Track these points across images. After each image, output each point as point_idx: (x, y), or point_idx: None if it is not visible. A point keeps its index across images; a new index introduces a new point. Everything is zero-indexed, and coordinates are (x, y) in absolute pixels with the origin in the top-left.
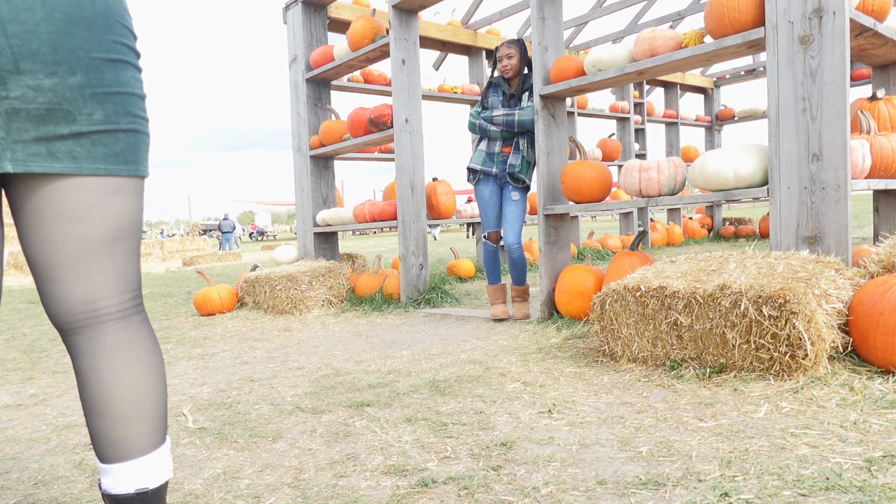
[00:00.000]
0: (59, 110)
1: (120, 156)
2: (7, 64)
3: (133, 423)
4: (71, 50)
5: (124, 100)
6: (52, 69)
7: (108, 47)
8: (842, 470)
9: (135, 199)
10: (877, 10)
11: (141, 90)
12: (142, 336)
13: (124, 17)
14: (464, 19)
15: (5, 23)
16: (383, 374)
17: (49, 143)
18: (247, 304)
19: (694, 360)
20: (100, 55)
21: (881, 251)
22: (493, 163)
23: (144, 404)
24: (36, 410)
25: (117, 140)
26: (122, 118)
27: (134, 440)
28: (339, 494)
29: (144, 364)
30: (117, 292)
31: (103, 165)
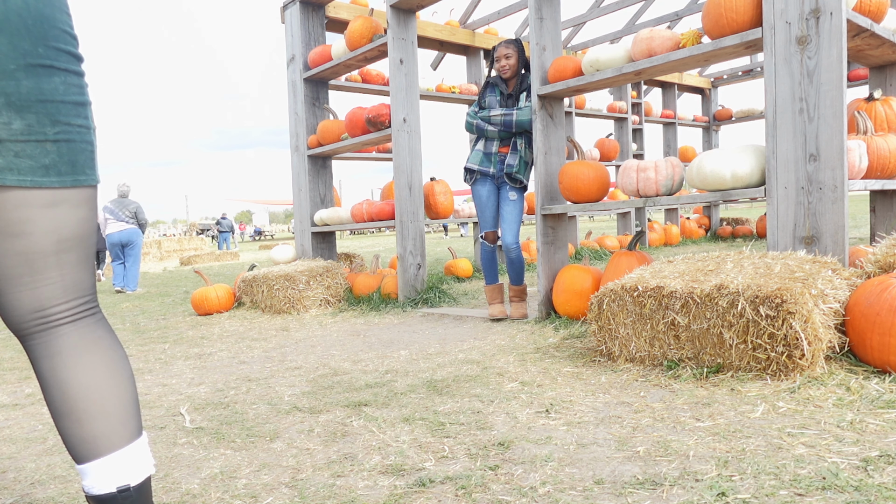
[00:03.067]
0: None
1: (51, 167)
2: None
3: (99, 420)
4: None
5: (50, 108)
6: None
7: (25, 52)
8: (838, 469)
9: (79, 209)
10: (874, 10)
11: (77, 96)
12: (98, 335)
13: (52, 18)
14: (462, 19)
15: None
16: (381, 374)
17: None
18: (244, 304)
19: (691, 360)
20: (15, 62)
21: (878, 251)
22: (491, 163)
23: (108, 400)
24: (33, 410)
25: (45, 151)
26: (49, 128)
27: (103, 436)
28: (336, 494)
29: (103, 361)
30: (66, 299)
31: (30, 178)
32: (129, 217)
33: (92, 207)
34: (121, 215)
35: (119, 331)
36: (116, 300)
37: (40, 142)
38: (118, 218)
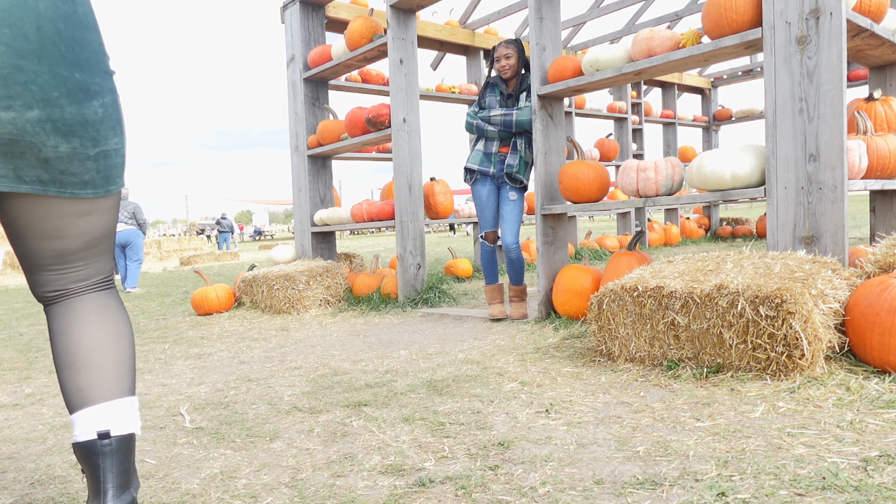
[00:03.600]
0: (21, 142)
1: (88, 182)
2: None
3: (93, 371)
4: (23, 84)
5: (91, 132)
6: (6, 103)
7: (65, 79)
8: (838, 469)
9: (107, 213)
10: (874, 10)
11: (114, 114)
12: (107, 303)
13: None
14: (462, 19)
15: None
16: (381, 374)
17: (17, 168)
18: (244, 304)
19: (691, 360)
20: (57, 90)
21: (878, 251)
22: (491, 163)
23: (104, 355)
24: (32, 410)
25: (86, 169)
26: (90, 149)
27: (95, 386)
28: (336, 494)
29: (106, 322)
30: (87, 279)
31: (70, 191)
32: (127, 217)
33: (116, 209)
34: (120, 216)
35: None
36: None
37: (82, 161)
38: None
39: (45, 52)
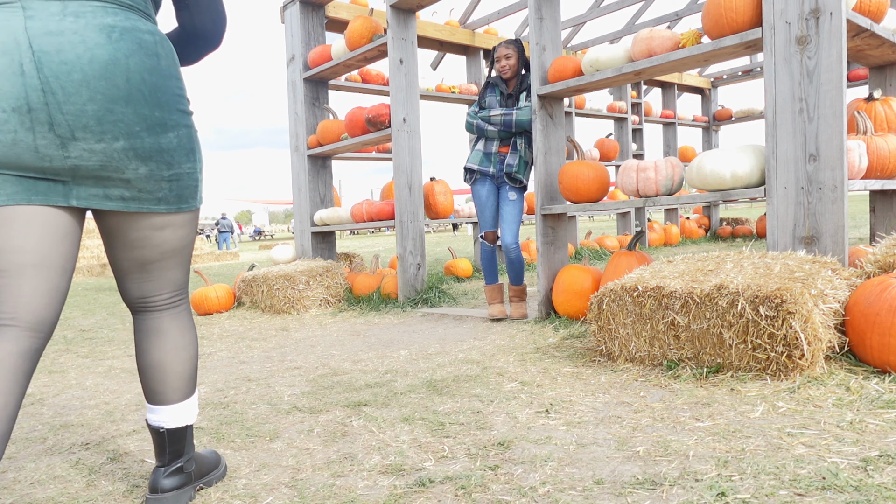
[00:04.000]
0: (109, 166)
1: (162, 199)
2: (66, 133)
3: (159, 382)
4: (113, 122)
5: (166, 157)
6: (99, 137)
7: (145, 117)
8: (838, 469)
9: (180, 229)
10: (874, 10)
11: (188, 144)
12: (178, 323)
13: (164, 87)
14: (461, 19)
15: (61, 104)
16: (381, 374)
17: (105, 188)
18: (244, 304)
19: (691, 360)
20: (138, 125)
21: (877, 251)
22: (491, 163)
23: (170, 371)
24: (32, 410)
25: (160, 188)
26: (165, 171)
27: (161, 393)
28: (336, 494)
29: (174, 342)
30: (162, 292)
31: (147, 206)
32: None
33: (191, 225)
34: None
35: (119, 331)
36: (117, 299)
37: (157, 181)
38: None
39: (132, 97)
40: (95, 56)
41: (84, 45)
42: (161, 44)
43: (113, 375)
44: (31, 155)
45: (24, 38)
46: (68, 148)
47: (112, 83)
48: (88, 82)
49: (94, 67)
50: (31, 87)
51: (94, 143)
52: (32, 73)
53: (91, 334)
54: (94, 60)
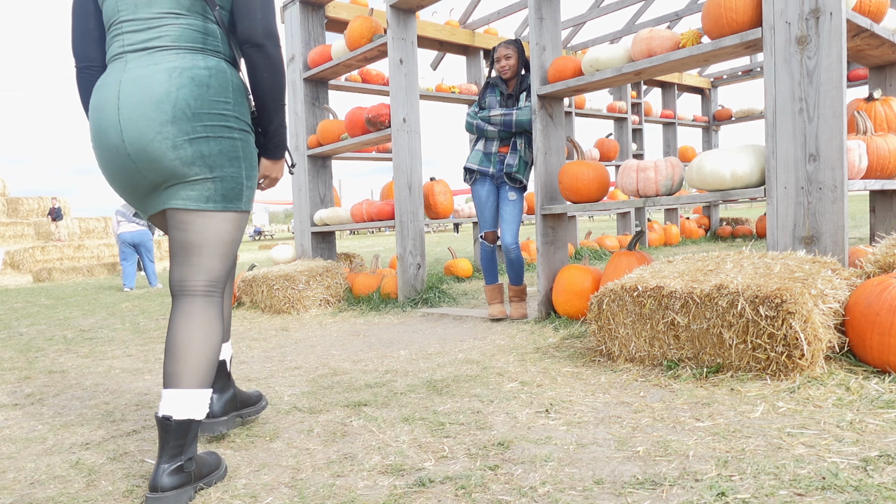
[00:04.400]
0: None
1: (209, 198)
2: (133, 165)
3: (179, 362)
4: (161, 140)
5: (208, 162)
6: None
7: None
8: (838, 469)
9: (223, 224)
10: (873, 10)
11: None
12: (209, 312)
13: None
14: (461, 19)
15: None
16: (381, 374)
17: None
18: (244, 304)
19: (691, 360)
20: (181, 138)
21: (877, 251)
22: (490, 163)
23: (190, 353)
24: (32, 410)
25: (206, 188)
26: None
27: (177, 375)
28: (336, 494)
29: (200, 328)
30: (198, 278)
31: (193, 203)
32: (140, 219)
33: (234, 225)
34: (131, 217)
35: (119, 331)
36: (117, 300)
37: (203, 182)
38: (129, 220)
39: (177, 119)
40: (153, 93)
41: (149, 85)
42: (216, 76)
43: (113, 375)
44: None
45: (118, 84)
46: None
47: (161, 110)
48: (143, 112)
49: (149, 102)
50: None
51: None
52: (116, 113)
53: (91, 334)
54: (150, 96)
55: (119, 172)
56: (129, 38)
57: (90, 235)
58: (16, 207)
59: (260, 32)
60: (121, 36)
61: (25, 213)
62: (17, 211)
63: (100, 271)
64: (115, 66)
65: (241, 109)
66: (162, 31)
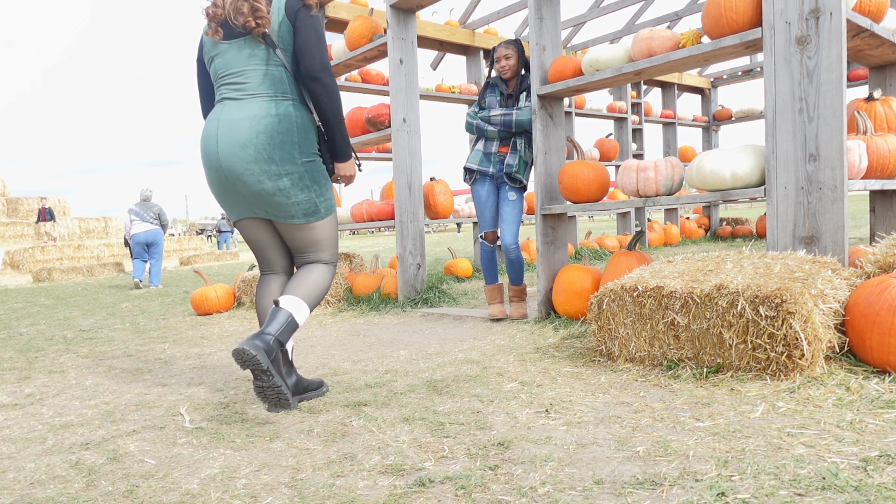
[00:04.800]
0: (254, 200)
1: (294, 216)
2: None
3: (295, 280)
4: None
5: (286, 192)
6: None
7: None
8: (838, 469)
9: (311, 231)
10: (873, 10)
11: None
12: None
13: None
14: (461, 19)
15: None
16: (381, 374)
17: (262, 209)
18: (244, 304)
19: (691, 360)
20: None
21: (877, 251)
22: (490, 163)
23: (303, 277)
24: (32, 410)
25: (290, 209)
26: (287, 201)
27: (292, 288)
28: (336, 494)
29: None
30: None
31: (283, 219)
32: (152, 218)
33: (323, 228)
34: (145, 216)
35: (119, 331)
36: (117, 300)
37: (286, 206)
38: (143, 219)
39: (258, 160)
40: (239, 137)
41: (237, 129)
42: (283, 121)
43: (113, 375)
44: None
45: (217, 123)
46: (236, 187)
47: (245, 153)
48: (234, 153)
49: (236, 143)
50: (213, 155)
51: (247, 187)
52: (215, 147)
53: (91, 334)
54: (238, 139)
55: (217, 185)
56: (225, 89)
57: (90, 235)
58: (16, 207)
59: (317, 67)
60: (221, 87)
61: (25, 213)
62: (17, 211)
63: (100, 271)
64: (217, 109)
65: (305, 143)
66: (246, 81)
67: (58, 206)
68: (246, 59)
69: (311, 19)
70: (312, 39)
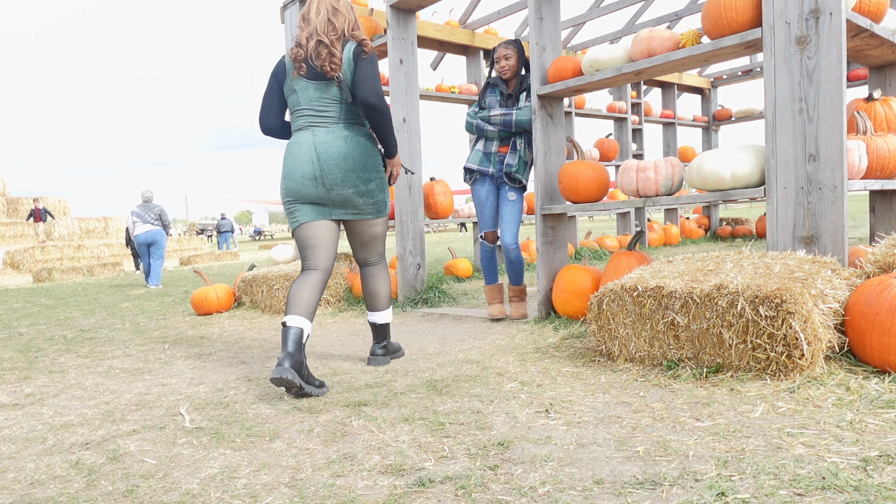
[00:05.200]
0: (347, 201)
1: (368, 213)
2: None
3: (374, 299)
4: (347, 181)
5: (371, 193)
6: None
7: (361, 177)
8: (838, 469)
9: (378, 226)
10: (873, 10)
11: (380, 185)
12: (382, 272)
13: (359, 165)
14: (461, 19)
15: (325, 175)
16: (380, 374)
17: (345, 209)
18: (244, 304)
19: (691, 360)
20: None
21: (877, 251)
22: (490, 162)
23: (378, 294)
24: (32, 410)
25: (369, 208)
26: (370, 199)
27: (374, 305)
28: (336, 494)
29: (380, 280)
30: (371, 255)
31: (360, 216)
32: (153, 219)
33: (384, 224)
34: (147, 217)
35: (119, 331)
36: (117, 300)
37: (367, 204)
38: (144, 220)
39: (355, 168)
40: (339, 152)
41: (335, 147)
42: (364, 140)
43: (113, 375)
44: (317, 196)
45: (313, 145)
46: (330, 193)
47: (346, 163)
48: (337, 164)
49: (338, 157)
50: (316, 168)
51: (339, 191)
52: (316, 162)
53: (91, 334)
54: (338, 154)
55: (310, 192)
56: (310, 119)
57: (90, 235)
58: (16, 207)
59: (371, 96)
60: (304, 117)
61: (26, 213)
62: (17, 211)
63: (100, 271)
64: (305, 133)
65: (376, 157)
66: (329, 114)
67: (58, 206)
68: (325, 97)
69: (367, 61)
70: (368, 74)
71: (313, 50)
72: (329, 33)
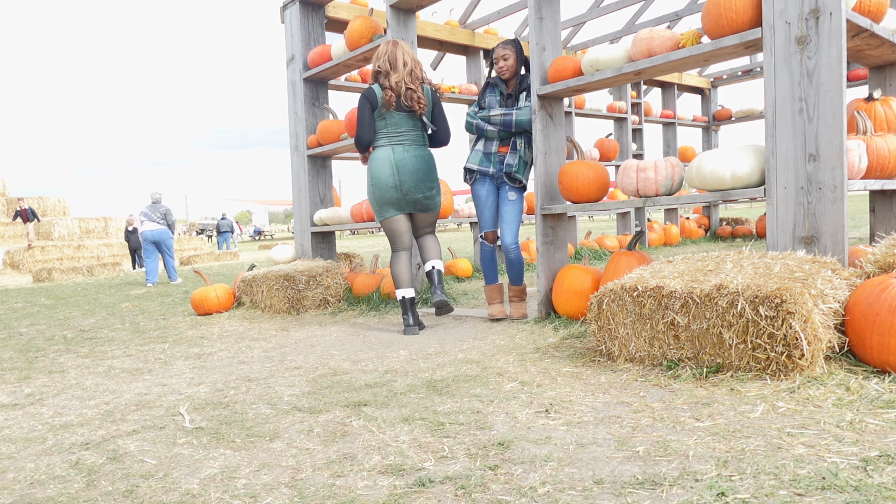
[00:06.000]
0: (417, 202)
1: (433, 208)
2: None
3: (428, 252)
4: (420, 188)
5: (434, 196)
6: (415, 194)
7: (429, 185)
8: (838, 469)
9: (434, 215)
10: (873, 10)
11: (438, 189)
12: (433, 237)
13: (426, 175)
14: (461, 19)
15: (403, 184)
16: (380, 374)
17: (415, 207)
18: (244, 304)
19: (691, 360)
20: (427, 188)
21: (877, 251)
22: (490, 162)
23: (431, 249)
24: (32, 410)
25: (432, 204)
26: (433, 199)
27: (432, 256)
28: (336, 494)
29: (434, 239)
30: (426, 230)
31: (426, 210)
32: (159, 218)
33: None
34: (153, 217)
35: (118, 331)
36: (116, 300)
37: (430, 202)
38: (150, 219)
39: (427, 177)
40: (413, 166)
41: (410, 163)
42: (431, 157)
43: (113, 375)
44: (396, 198)
45: (392, 161)
46: (406, 197)
47: (419, 175)
48: (410, 176)
49: (412, 170)
50: (396, 179)
51: (412, 195)
52: (396, 175)
53: (91, 334)
54: (412, 168)
55: (393, 196)
56: (396, 139)
57: (90, 235)
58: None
59: (448, 137)
60: (386, 136)
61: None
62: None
63: (100, 271)
64: (387, 150)
65: (436, 169)
66: (410, 137)
67: (58, 206)
68: (409, 124)
69: (441, 104)
70: (444, 116)
71: (404, 93)
72: (415, 81)
